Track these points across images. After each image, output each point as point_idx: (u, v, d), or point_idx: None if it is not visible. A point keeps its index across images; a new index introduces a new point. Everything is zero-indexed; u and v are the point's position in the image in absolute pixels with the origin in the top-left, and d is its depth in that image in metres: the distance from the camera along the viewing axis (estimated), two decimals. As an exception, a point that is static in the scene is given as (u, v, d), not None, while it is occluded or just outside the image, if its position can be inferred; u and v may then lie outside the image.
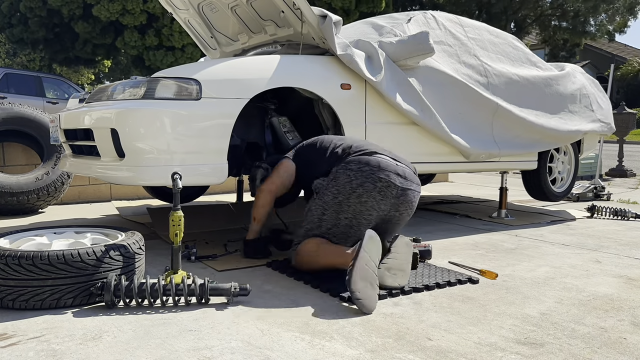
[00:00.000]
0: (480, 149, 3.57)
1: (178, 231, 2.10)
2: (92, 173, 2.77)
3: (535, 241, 3.25)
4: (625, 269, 2.60)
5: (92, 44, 14.74)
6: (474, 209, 4.56)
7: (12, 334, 1.67)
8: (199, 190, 4.41)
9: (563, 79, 4.27)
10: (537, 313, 1.94)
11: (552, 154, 4.39)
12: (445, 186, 6.53)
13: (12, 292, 1.84)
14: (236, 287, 1.96)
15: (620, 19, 23.13)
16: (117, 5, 12.76)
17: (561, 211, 4.51)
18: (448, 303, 2.03)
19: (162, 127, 2.47)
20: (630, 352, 1.62)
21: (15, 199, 3.82)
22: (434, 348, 1.61)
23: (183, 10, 3.74)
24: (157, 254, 2.72)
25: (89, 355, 1.53)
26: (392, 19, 3.69)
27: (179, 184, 2.15)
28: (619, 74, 24.82)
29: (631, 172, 8.26)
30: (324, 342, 1.64)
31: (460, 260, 2.59)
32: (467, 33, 3.84)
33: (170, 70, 2.67)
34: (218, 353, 1.55)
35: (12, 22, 14.51)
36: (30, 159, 4.37)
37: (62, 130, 3.07)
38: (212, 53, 4.05)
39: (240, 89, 2.63)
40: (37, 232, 2.27)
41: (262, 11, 3.30)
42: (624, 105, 8.26)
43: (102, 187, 4.75)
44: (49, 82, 11.45)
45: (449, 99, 3.43)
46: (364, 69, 2.99)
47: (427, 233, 3.38)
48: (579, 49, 24.66)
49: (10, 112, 4.04)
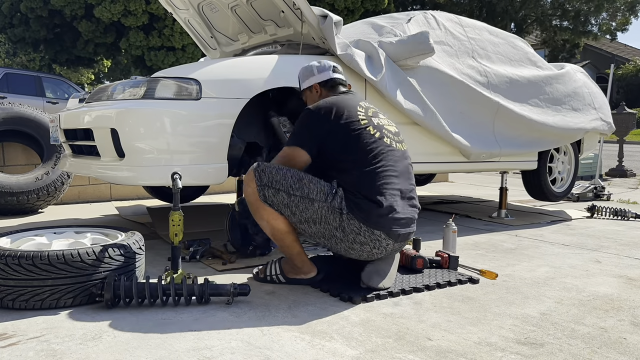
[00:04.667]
0: (481, 148, 3.57)
1: (178, 231, 2.10)
2: (92, 173, 2.77)
3: (535, 241, 3.25)
4: (625, 269, 2.60)
5: (93, 44, 14.76)
6: (474, 209, 4.56)
7: (12, 334, 1.67)
8: (198, 190, 4.41)
9: (563, 78, 4.27)
10: (537, 313, 1.94)
11: (552, 154, 4.40)
12: (445, 186, 6.52)
13: (12, 292, 1.83)
14: (236, 287, 1.96)
15: (622, 18, 23.15)
16: (119, 6, 12.77)
17: (561, 211, 4.50)
18: (448, 303, 2.03)
19: (162, 127, 2.47)
20: (630, 352, 1.62)
21: (15, 199, 3.82)
22: (434, 348, 1.61)
23: (183, 10, 3.74)
24: (157, 254, 2.72)
25: (89, 355, 1.52)
26: (392, 19, 3.70)
27: (179, 184, 2.15)
28: (619, 74, 24.82)
29: (631, 172, 8.26)
30: (324, 342, 1.64)
31: (460, 260, 2.59)
32: (467, 33, 3.84)
33: (170, 70, 2.67)
34: (218, 353, 1.55)
35: (13, 22, 14.53)
36: (30, 159, 4.37)
37: (62, 130, 3.07)
38: (212, 53, 4.05)
39: (240, 89, 2.63)
40: (37, 232, 2.27)
41: (262, 11, 3.30)
42: (624, 105, 8.27)
43: (102, 187, 4.75)
44: (49, 82, 11.45)
45: (449, 99, 3.43)
46: (364, 69, 2.99)
47: (428, 233, 3.37)
48: (579, 49, 24.66)
49: (10, 112, 4.04)
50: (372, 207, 1.99)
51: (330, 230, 2.03)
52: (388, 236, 2.04)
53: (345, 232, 2.01)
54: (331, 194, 2.00)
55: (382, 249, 2.08)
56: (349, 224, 1.99)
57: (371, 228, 2.00)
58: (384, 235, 2.02)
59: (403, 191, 2.09)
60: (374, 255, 2.11)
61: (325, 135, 2.05)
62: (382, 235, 2.02)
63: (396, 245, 2.12)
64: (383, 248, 2.08)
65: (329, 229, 2.02)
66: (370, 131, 2.07)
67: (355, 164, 2.04)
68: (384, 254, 2.13)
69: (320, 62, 2.35)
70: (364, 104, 2.19)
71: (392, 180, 2.05)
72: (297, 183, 1.99)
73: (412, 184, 2.18)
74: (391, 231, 2.03)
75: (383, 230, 2.01)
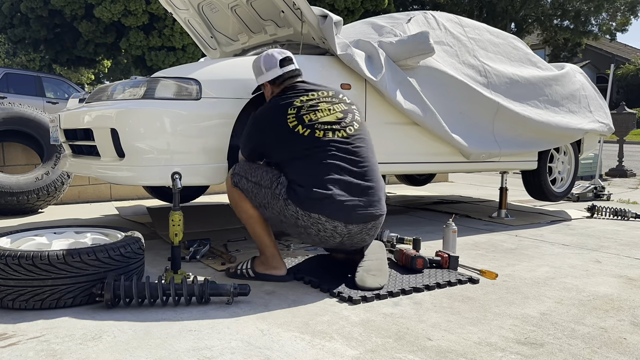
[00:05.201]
0: (480, 148, 3.57)
1: (178, 231, 2.10)
2: (92, 173, 2.77)
3: (535, 241, 3.25)
4: (625, 269, 2.60)
5: (93, 44, 14.77)
6: (474, 209, 4.56)
7: (12, 334, 1.67)
8: (198, 190, 4.41)
9: (563, 79, 4.27)
10: (537, 313, 1.94)
11: (552, 154, 4.40)
12: (445, 186, 6.53)
13: (12, 292, 1.83)
14: (236, 287, 1.96)
15: (622, 18, 23.16)
16: (119, 6, 12.78)
17: (561, 211, 4.50)
18: (448, 303, 2.03)
19: (162, 127, 2.47)
20: (630, 352, 1.62)
21: (15, 199, 3.82)
22: (434, 348, 1.61)
23: (183, 10, 3.74)
24: (157, 254, 2.72)
25: (89, 355, 1.53)
26: (392, 19, 3.70)
27: (179, 184, 2.15)
28: (619, 74, 24.82)
29: (631, 172, 8.26)
30: (324, 342, 1.64)
31: (460, 260, 2.59)
32: (467, 33, 3.84)
33: (170, 70, 2.67)
34: (218, 353, 1.55)
35: (13, 22, 14.54)
36: (30, 159, 4.37)
37: (62, 130, 3.07)
38: (212, 53, 4.05)
39: (240, 89, 2.63)
40: (37, 232, 2.27)
41: (262, 11, 3.30)
42: (624, 105, 8.27)
43: (102, 187, 4.75)
44: (49, 82, 11.45)
45: (449, 99, 3.43)
46: (364, 69, 2.99)
47: (428, 233, 3.37)
48: (581, 47, 24.66)
49: (10, 112, 4.04)
50: (306, 192, 2.10)
51: (277, 215, 2.18)
52: (330, 218, 2.10)
53: (287, 217, 2.15)
54: (276, 181, 2.17)
55: (331, 231, 2.13)
56: (287, 209, 2.13)
57: (307, 212, 2.10)
58: (324, 217, 2.10)
59: (347, 176, 2.13)
60: (327, 240, 2.17)
61: (261, 142, 2.26)
62: (321, 217, 2.10)
63: (353, 227, 2.14)
64: (331, 231, 2.13)
65: (275, 213, 2.18)
66: (300, 131, 2.17)
67: (291, 160, 2.18)
68: (341, 237, 2.15)
69: (268, 55, 2.36)
70: (303, 98, 2.24)
71: (331, 166, 2.12)
72: (255, 171, 2.22)
73: (366, 164, 2.20)
74: (333, 213, 2.09)
75: (321, 213, 2.09)
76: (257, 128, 2.27)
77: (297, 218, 2.13)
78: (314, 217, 2.10)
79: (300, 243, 2.91)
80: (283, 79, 2.33)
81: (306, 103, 2.23)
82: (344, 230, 2.14)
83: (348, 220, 2.12)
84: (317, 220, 2.11)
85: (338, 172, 2.12)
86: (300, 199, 2.10)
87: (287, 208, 2.13)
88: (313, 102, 2.24)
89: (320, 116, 2.21)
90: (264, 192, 2.17)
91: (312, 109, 2.22)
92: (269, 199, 2.16)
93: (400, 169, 3.57)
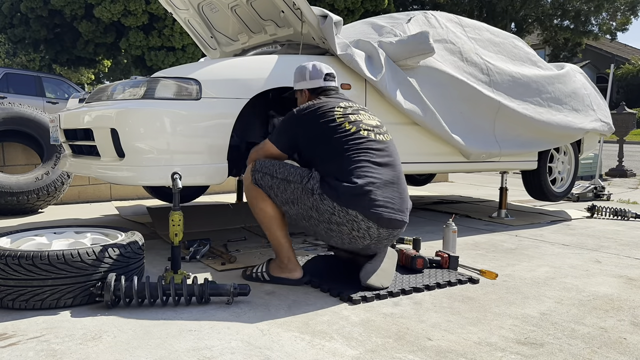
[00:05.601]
0: (480, 148, 3.57)
1: (178, 231, 2.10)
2: (92, 173, 2.77)
3: (535, 241, 3.25)
4: (625, 269, 2.60)
5: (93, 44, 14.76)
6: (474, 209, 4.56)
7: (12, 334, 1.67)
8: (198, 190, 4.41)
9: (564, 78, 4.27)
10: (537, 313, 1.94)
11: (552, 154, 4.39)
12: (445, 186, 6.53)
13: (12, 292, 1.84)
14: (236, 287, 1.96)
15: (622, 18, 23.15)
16: (119, 6, 12.78)
17: (561, 211, 4.50)
18: (448, 303, 2.03)
19: (162, 127, 2.47)
20: (630, 352, 1.62)
21: (15, 199, 3.82)
22: (434, 348, 1.61)
23: (183, 10, 3.74)
24: (157, 254, 2.72)
25: (89, 355, 1.53)
26: (392, 19, 3.69)
27: (179, 184, 2.15)
28: (619, 74, 24.82)
29: (631, 172, 8.26)
30: (324, 342, 1.64)
31: (460, 260, 2.59)
32: (467, 33, 3.84)
33: (170, 70, 2.67)
34: (218, 353, 1.55)
35: (13, 22, 14.53)
36: (30, 159, 4.37)
37: (62, 130, 3.07)
38: (212, 53, 4.05)
39: (240, 89, 2.63)
40: (37, 232, 2.27)
41: (262, 11, 3.30)
42: (624, 105, 8.26)
43: (102, 187, 4.75)
44: (49, 82, 11.45)
45: (449, 99, 3.43)
46: (364, 69, 2.99)
47: (428, 233, 3.38)
48: (581, 47, 24.65)
49: (10, 112, 4.04)
50: (345, 187, 2.07)
51: (306, 211, 2.13)
52: (367, 217, 2.07)
53: (320, 211, 2.10)
54: (307, 176, 2.14)
55: (363, 232, 2.10)
56: (322, 204, 2.09)
57: (345, 207, 2.06)
58: (361, 216, 2.06)
59: (383, 177, 2.14)
60: (357, 240, 2.13)
61: (301, 135, 2.23)
62: (358, 215, 2.06)
63: (382, 231, 2.12)
64: (364, 231, 2.10)
65: (305, 208, 2.13)
66: (346, 127, 2.18)
67: (332, 155, 2.16)
68: (370, 240, 2.13)
69: (315, 68, 2.41)
70: (345, 104, 2.30)
71: (370, 166, 2.13)
72: (281, 168, 2.19)
73: (397, 172, 2.23)
74: (370, 212, 2.06)
75: (358, 210, 2.06)
76: (297, 122, 2.24)
77: (332, 214, 2.09)
78: (351, 214, 2.07)
79: (300, 243, 2.91)
80: (322, 90, 2.40)
81: (349, 107, 2.30)
82: (375, 233, 2.12)
83: (381, 224, 2.10)
84: (354, 219, 2.07)
85: (376, 173, 2.13)
86: (337, 194, 2.07)
87: (323, 203, 2.09)
88: (354, 107, 2.32)
89: (363, 118, 2.27)
90: (293, 187, 2.13)
91: (355, 112, 2.29)
92: (299, 193, 2.13)
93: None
